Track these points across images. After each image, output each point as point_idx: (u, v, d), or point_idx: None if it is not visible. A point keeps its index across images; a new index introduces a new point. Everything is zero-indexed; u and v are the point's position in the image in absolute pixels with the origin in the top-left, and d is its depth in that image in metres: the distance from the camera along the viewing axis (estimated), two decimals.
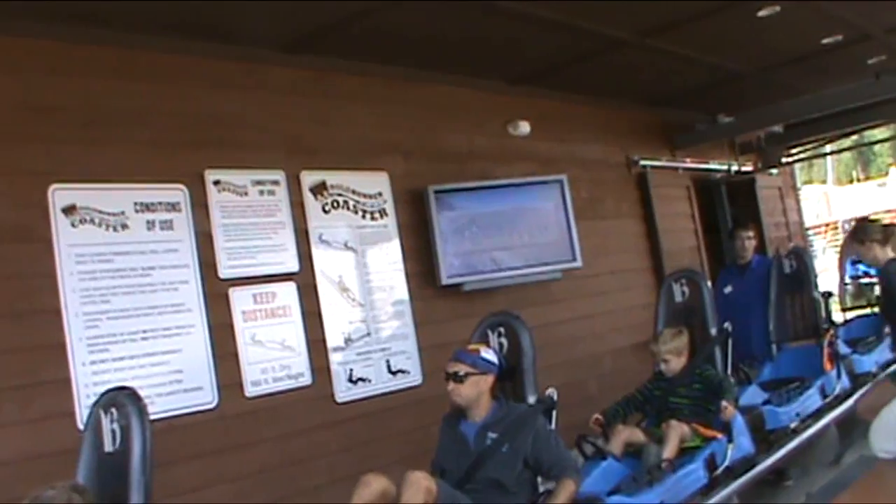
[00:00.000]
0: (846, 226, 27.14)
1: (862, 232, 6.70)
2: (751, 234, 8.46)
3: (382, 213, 6.74)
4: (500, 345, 5.23)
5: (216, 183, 5.73)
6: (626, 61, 8.05)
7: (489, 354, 4.81)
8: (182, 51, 5.74)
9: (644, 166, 9.82)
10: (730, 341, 6.33)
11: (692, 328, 6.25)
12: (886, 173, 42.74)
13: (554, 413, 4.97)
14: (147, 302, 5.28)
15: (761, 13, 7.26)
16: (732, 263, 8.79)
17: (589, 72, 8.23)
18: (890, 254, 6.52)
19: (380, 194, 6.75)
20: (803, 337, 7.85)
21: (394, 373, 6.51)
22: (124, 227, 5.25)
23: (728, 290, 8.19)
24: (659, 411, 5.98)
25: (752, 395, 6.87)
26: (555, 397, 4.98)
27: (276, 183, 6.07)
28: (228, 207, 5.77)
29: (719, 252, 11.11)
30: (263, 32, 5.98)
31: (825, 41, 8.62)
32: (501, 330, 5.29)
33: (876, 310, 9.86)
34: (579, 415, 5.71)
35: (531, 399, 5.05)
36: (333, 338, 6.19)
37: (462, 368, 4.65)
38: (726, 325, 6.34)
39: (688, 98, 10.10)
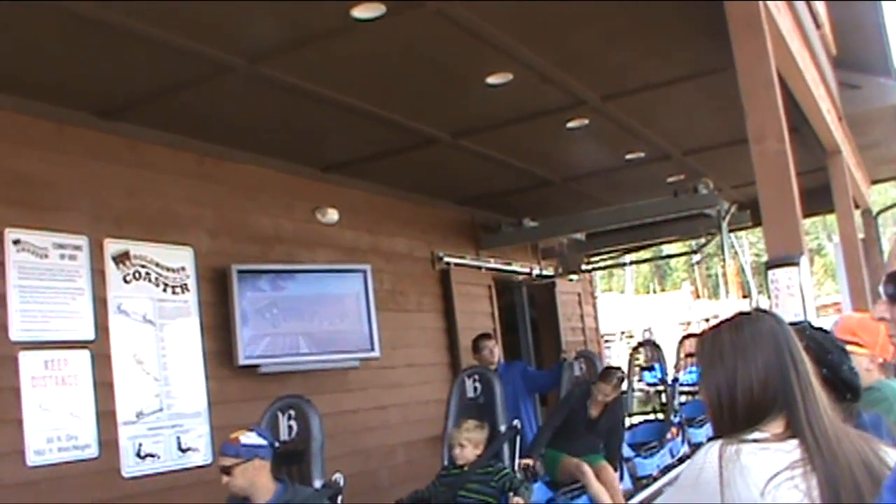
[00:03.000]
0: (646, 334, 28.58)
1: None
2: (494, 342, 9.01)
3: (184, 288, 6.89)
4: (290, 427, 5.37)
5: (16, 242, 5.77)
6: (438, 159, 8.54)
7: (250, 438, 4.82)
8: None
9: (448, 263, 10.30)
10: (518, 438, 6.74)
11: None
12: (681, 286, 45.16)
13: (340, 499, 5.15)
14: None
15: (570, 125, 7.88)
16: None
17: (401, 165, 8.67)
18: None
19: (183, 269, 6.90)
20: None
21: (184, 450, 6.59)
22: None
23: None
24: None
25: (538, 492, 7.27)
26: (341, 482, 5.17)
27: (78, 248, 6.13)
28: (26, 269, 5.80)
29: (517, 352, 11.64)
30: (78, 95, 6.12)
31: (629, 157, 9.37)
32: (292, 413, 5.43)
33: (660, 416, 10.59)
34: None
35: (317, 483, 5.19)
36: (124, 411, 6.24)
37: (227, 461, 4.73)
38: (515, 422, 6.74)
39: (495, 199, 10.69)
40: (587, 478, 7.62)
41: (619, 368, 8.55)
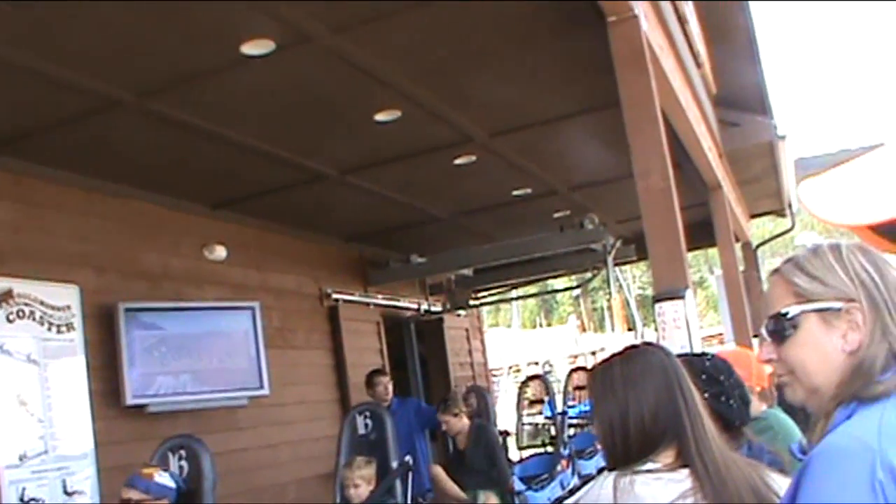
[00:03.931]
0: (546, 367, 28.97)
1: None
2: (387, 379, 9.04)
3: (70, 326, 6.76)
4: (181, 468, 5.35)
5: None
6: (327, 195, 8.60)
7: (164, 478, 4.83)
8: None
9: (336, 299, 10.33)
10: (410, 474, 6.79)
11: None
12: (567, 320, 45.77)
13: None
14: None
15: (458, 161, 8.00)
16: None
17: (290, 202, 8.70)
18: None
19: (68, 307, 6.76)
20: None
21: (69, 493, 6.43)
22: None
23: None
24: None
25: None
26: None
27: None
28: None
29: (406, 388, 11.68)
30: None
31: (516, 192, 9.53)
32: (182, 453, 5.42)
33: (550, 449, 10.74)
34: None
35: None
36: (7, 454, 6.05)
37: (135, 495, 4.68)
38: (407, 458, 6.80)
39: (383, 236, 10.78)
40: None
41: (450, 397, 8.63)
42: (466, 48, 5.76)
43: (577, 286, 14.33)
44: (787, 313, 1.70)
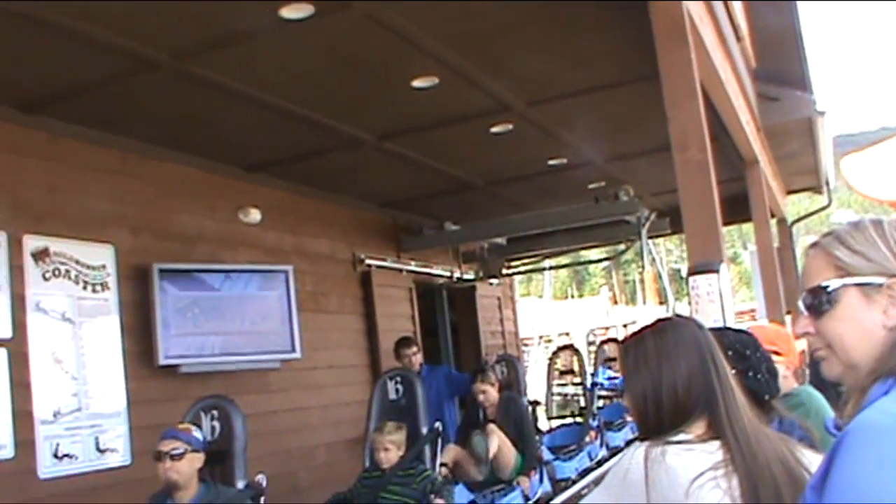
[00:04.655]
0: (590, 336, 28.91)
1: None
2: (414, 349, 9.01)
3: (105, 286, 6.81)
4: (213, 428, 5.35)
5: None
6: (362, 160, 8.57)
7: (199, 433, 4.98)
8: None
9: (369, 265, 10.33)
10: (440, 440, 6.80)
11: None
12: (599, 292, 45.68)
13: (262, 500, 5.17)
14: None
15: (494, 129, 7.96)
16: None
17: (325, 167, 8.68)
18: None
19: (104, 267, 6.81)
20: None
21: (102, 451, 6.51)
22: None
23: None
24: None
25: (460, 494, 7.32)
26: (264, 483, 5.19)
27: None
28: None
29: (437, 355, 11.70)
30: None
31: (552, 162, 9.47)
32: (215, 413, 5.42)
33: (579, 419, 10.74)
34: None
35: (240, 484, 5.20)
36: (42, 410, 6.12)
37: (180, 446, 4.77)
38: (437, 424, 6.80)
39: (418, 202, 10.75)
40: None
41: (482, 366, 8.62)
42: (505, 16, 5.70)
43: (610, 258, 14.23)
44: (827, 286, 1.67)
